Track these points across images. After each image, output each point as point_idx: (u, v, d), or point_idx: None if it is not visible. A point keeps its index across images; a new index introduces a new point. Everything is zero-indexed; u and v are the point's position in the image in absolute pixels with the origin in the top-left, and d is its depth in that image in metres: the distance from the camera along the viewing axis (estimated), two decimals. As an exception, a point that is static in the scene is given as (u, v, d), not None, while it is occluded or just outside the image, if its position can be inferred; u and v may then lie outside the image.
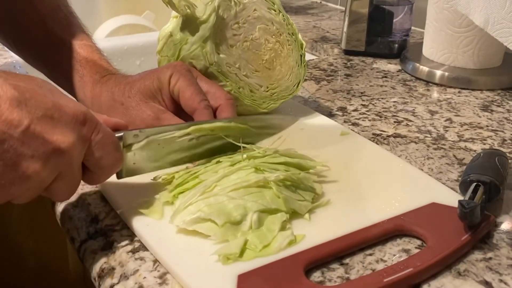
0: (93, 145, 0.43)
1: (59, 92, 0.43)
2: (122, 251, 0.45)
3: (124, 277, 0.43)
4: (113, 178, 0.49)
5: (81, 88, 0.62)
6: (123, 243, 0.46)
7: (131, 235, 0.47)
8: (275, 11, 0.66)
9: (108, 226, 0.49)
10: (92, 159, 0.44)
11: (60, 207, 0.53)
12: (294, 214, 0.48)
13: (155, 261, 0.44)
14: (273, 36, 0.66)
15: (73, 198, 0.53)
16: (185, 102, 0.56)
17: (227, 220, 0.45)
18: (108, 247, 0.46)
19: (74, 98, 0.58)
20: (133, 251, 0.45)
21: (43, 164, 0.40)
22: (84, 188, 0.54)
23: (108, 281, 0.43)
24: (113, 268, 0.44)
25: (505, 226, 0.49)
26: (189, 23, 0.61)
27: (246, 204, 0.46)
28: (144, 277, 0.43)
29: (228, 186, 0.48)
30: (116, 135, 0.47)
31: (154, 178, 0.52)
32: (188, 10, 0.60)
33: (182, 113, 0.57)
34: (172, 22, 0.63)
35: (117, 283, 0.43)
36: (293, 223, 0.47)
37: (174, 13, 0.62)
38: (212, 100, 0.58)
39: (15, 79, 0.40)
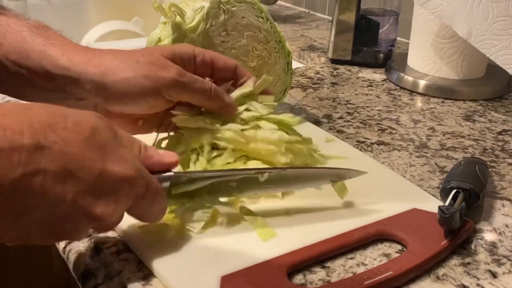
0: (138, 204, 0.42)
1: (111, 144, 0.40)
2: (107, 252, 0.46)
3: (108, 278, 0.43)
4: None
5: (60, 52, 0.51)
6: (108, 244, 0.47)
7: (115, 237, 0.48)
8: (263, 18, 0.67)
9: (93, 227, 0.49)
10: (136, 212, 0.43)
11: (45, 208, 0.53)
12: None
13: (139, 262, 0.45)
14: (261, 44, 0.67)
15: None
16: (224, 65, 0.56)
17: None
18: (93, 248, 0.47)
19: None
20: (118, 252, 0.46)
21: (83, 228, 0.39)
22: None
23: (92, 282, 0.44)
24: (97, 269, 0.44)
25: (483, 232, 0.50)
26: (178, 29, 0.62)
27: None
28: (128, 278, 0.43)
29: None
30: (164, 177, 0.45)
31: None
32: (178, 17, 0.61)
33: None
34: (161, 27, 0.64)
35: (101, 283, 0.43)
36: (274, 222, 0.48)
37: (163, 18, 0.63)
38: None
39: (62, 137, 0.37)
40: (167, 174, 0.45)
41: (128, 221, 0.48)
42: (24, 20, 0.55)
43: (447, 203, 0.49)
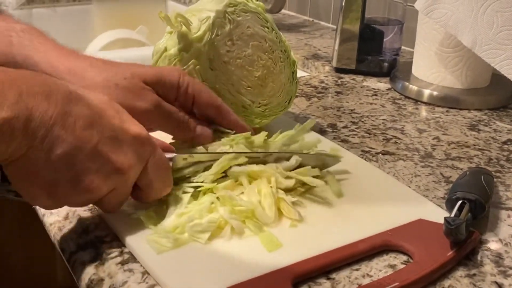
0: (149, 167, 0.46)
1: (123, 112, 0.46)
2: (112, 263, 0.46)
3: (113, 288, 0.43)
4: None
5: (44, 59, 0.55)
6: (113, 255, 0.47)
7: (120, 247, 0.48)
8: (268, 28, 0.67)
9: (98, 237, 0.49)
10: (145, 179, 0.47)
11: (50, 218, 0.53)
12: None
13: (144, 272, 0.45)
14: (266, 53, 0.67)
15: (63, 209, 0.54)
16: (207, 101, 0.58)
17: None
18: (98, 259, 0.47)
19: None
20: (122, 263, 0.46)
21: (104, 180, 0.43)
22: (75, 199, 0.55)
23: (97, 292, 0.44)
24: (102, 280, 0.44)
25: (489, 243, 0.50)
26: (184, 39, 0.62)
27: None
28: (133, 289, 0.43)
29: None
30: (167, 156, 0.50)
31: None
32: (183, 26, 0.61)
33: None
34: (167, 37, 0.64)
35: (106, 294, 0.43)
36: (279, 233, 0.48)
37: (168, 28, 0.63)
38: None
39: (88, 96, 0.44)
40: (170, 154, 0.51)
41: (133, 231, 0.48)
42: (13, 23, 0.58)
43: (453, 214, 0.48)
